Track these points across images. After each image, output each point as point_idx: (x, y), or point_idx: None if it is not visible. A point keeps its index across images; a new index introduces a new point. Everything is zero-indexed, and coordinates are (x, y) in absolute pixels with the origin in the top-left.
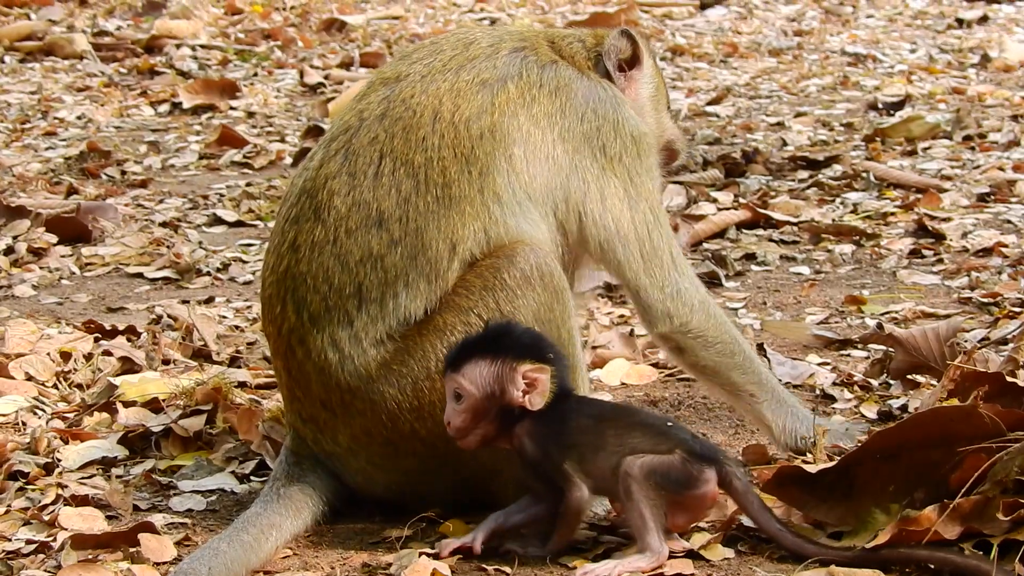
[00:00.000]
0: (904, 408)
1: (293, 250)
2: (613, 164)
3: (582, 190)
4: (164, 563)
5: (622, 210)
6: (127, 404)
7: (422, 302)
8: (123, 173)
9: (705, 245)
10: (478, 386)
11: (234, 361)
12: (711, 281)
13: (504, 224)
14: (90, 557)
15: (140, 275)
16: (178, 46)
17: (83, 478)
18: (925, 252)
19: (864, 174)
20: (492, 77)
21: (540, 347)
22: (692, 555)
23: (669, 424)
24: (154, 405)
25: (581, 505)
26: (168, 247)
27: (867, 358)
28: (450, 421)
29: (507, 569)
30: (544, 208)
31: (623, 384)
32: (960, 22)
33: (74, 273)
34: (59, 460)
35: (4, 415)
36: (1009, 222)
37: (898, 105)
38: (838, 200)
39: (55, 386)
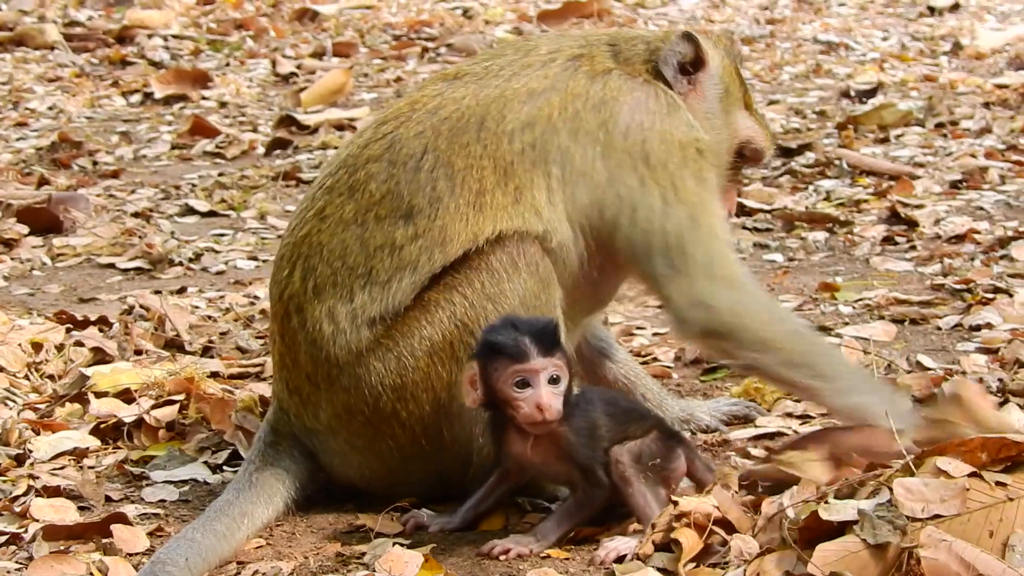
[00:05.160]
0: None
1: (319, 219)
2: (656, 172)
3: (617, 205)
4: (136, 554)
5: (652, 221)
6: (99, 395)
7: (421, 287)
8: (95, 163)
9: None
10: (570, 369)
11: (207, 351)
12: None
13: (533, 230)
14: (62, 548)
15: (112, 265)
16: (150, 36)
17: (55, 469)
18: (898, 239)
19: (837, 161)
20: (540, 87)
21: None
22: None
23: (641, 406)
24: (126, 395)
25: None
26: (140, 237)
27: (839, 346)
28: (551, 405)
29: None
30: (578, 220)
31: None
32: (932, 10)
33: (45, 264)
34: (30, 451)
35: None
36: (981, 209)
37: (870, 93)
38: (811, 187)
39: (26, 377)
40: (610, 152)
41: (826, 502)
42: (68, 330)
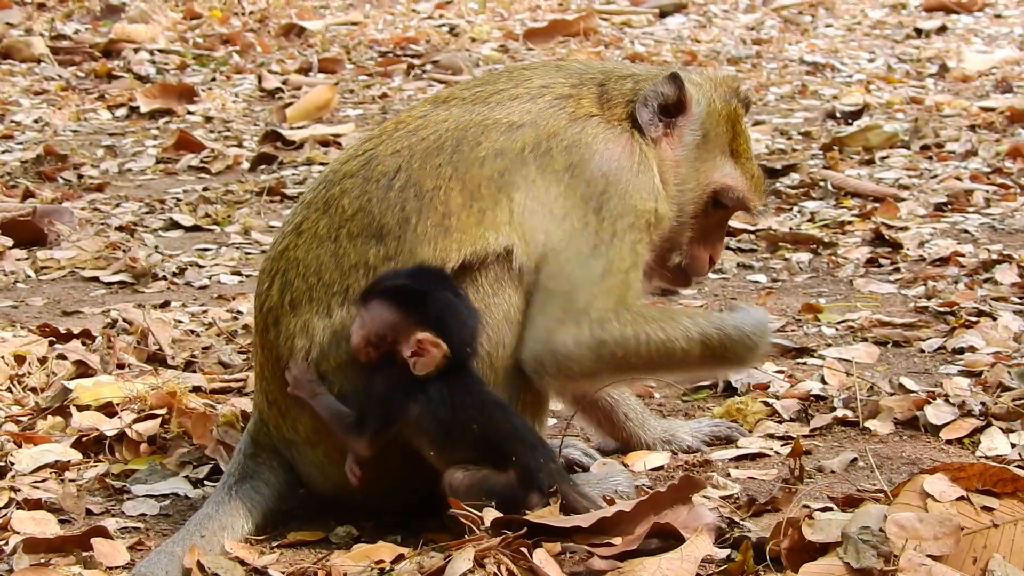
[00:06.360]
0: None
1: (296, 234)
2: (603, 224)
3: (557, 237)
4: (116, 567)
5: (571, 264)
6: (81, 408)
7: None
8: (80, 177)
9: None
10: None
11: (189, 365)
12: (667, 289)
13: (499, 248)
14: (42, 561)
15: (96, 279)
16: (136, 50)
17: (36, 482)
18: (882, 261)
19: (822, 183)
20: (520, 121)
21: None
22: None
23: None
24: (108, 409)
25: None
26: (124, 251)
27: (821, 367)
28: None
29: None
30: (529, 242)
31: None
32: (919, 32)
33: (29, 276)
34: (12, 463)
35: None
36: (966, 231)
37: (856, 114)
38: (796, 208)
39: (9, 389)
40: (570, 194)
41: (810, 518)
42: (51, 343)
